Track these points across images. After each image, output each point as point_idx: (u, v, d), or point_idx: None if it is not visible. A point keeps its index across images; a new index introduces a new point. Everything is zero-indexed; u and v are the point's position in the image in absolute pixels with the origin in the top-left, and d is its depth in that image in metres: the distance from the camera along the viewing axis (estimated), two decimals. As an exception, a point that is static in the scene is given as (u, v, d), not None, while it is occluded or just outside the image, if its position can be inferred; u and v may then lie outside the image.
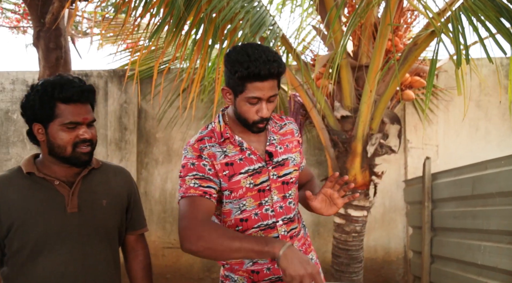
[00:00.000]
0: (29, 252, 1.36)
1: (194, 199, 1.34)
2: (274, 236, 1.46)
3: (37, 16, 4.29)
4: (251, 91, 1.34)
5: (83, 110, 1.38)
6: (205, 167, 1.40)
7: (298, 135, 1.59)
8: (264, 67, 1.31)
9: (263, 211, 1.45)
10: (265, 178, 1.45)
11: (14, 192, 1.38)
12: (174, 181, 5.03)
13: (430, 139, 4.77)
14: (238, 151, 1.45)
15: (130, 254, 1.60)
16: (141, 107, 5.08)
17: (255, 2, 3.11)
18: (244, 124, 1.44)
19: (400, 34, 3.61)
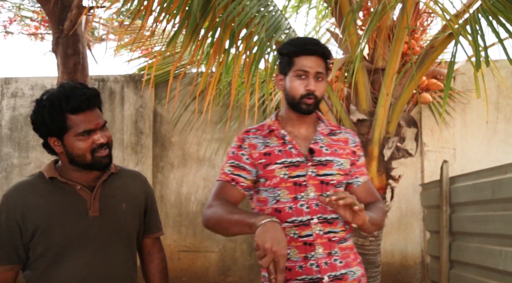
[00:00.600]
0: (53, 255, 1.38)
1: (222, 184, 1.49)
2: (307, 234, 1.45)
3: (56, 23, 4.38)
4: (298, 65, 1.47)
5: (94, 116, 1.39)
6: (242, 157, 1.51)
7: (355, 146, 1.58)
8: (310, 43, 1.48)
9: (298, 206, 1.46)
10: (302, 173, 1.47)
11: (38, 197, 1.40)
12: (189, 184, 5.06)
13: (447, 142, 4.71)
14: (280, 144, 1.51)
15: (146, 257, 1.61)
16: (156, 111, 5.13)
17: (270, 6, 3.12)
18: (292, 105, 1.50)
19: (416, 36, 3.58)
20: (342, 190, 1.47)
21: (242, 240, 4.99)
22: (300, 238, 1.46)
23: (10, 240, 1.37)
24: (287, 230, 1.46)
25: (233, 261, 5.00)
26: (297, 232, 1.46)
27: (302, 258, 1.46)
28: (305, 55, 1.46)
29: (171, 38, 2.77)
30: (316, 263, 1.45)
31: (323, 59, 1.48)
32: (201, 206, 5.04)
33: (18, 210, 1.37)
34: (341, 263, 1.47)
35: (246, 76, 3.08)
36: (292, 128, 1.54)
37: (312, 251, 1.45)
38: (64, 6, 4.31)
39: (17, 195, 1.40)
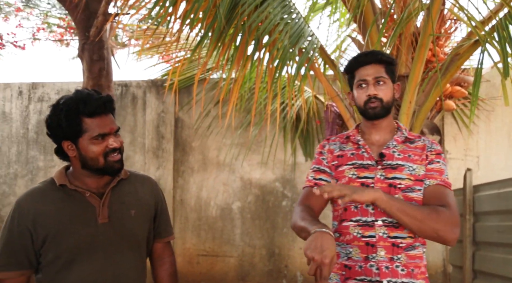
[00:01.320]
0: (63, 261, 1.40)
1: (306, 190, 1.62)
2: (371, 235, 1.47)
3: (82, 29, 4.49)
4: (357, 77, 1.59)
5: (108, 121, 1.42)
6: (323, 161, 1.64)
7: (430, 151, 1.57)
8: (363, 54, 1.59)
9: (363, 206, 1.50)
10: (370, 175, 1.52)
11: (48, 204, 1.42)
12: (209, 189, 5.10)
13: (470, 150, 4.64)
14: (354, 148, 1.61)
15: (157, 261, 1.62)
16: (177, 116, 5.20)
17: (293, 14, 3.15)
18: (361, 113, 1.60)
19: (440, 43, 3.56)
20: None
21: (261, 246, 5.00)
22: (363, 238, 1.48)
23: (22, 246, 1.40)
24: (351, 229, 1.51)
25: (251, 266, 5.00)
26: (361, 231, 1.49)
27: (363, 258, 1.47)
28: (362, 66, 1.58)
29: (197, 45, 2.82)
30: (376, 265, 1.46)
31: (382, 65, 1.57)
32: (221, 211, 5.07)
33: (29, 216, 1.41)
34: (403, 271, 1.46)
35: (269, 83, 3.11)
36: (368, 136, 1.63)
37: (373, 253, 1.46)
38: (90, 13, 4.42)
39: (29, 202, 1.43)
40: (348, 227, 1.51)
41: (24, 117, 5.42)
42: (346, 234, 1.52)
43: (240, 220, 5.05)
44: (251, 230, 5.02)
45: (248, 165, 5.05)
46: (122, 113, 5.25)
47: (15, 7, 6.50)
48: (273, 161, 4.95)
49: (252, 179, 5.06)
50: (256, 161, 5.03)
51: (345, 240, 1.52)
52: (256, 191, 5.04)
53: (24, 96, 5.44)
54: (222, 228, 5.06)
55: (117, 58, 15.70)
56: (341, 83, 3.15)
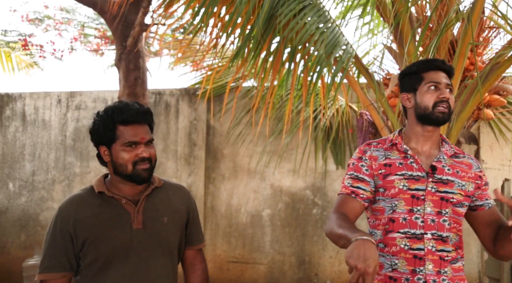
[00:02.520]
0: (100, 264, 1.48)
1: (342, 197, 1.56)
2: (419, 248, 1.47)
3: (120, 39, 4.65)
4: (428, 78, 1.55)
5: (140, 131, 1.49)
6: (362, 168, 1.56)
7: (480, 171, 1.59)
8: (437, 60, 1.58)
9: (412, 218, 1.48)
10: (421, 187, 1.49)
11: (87, 210, 1.50)
12: (239, 196, 5.15)
13: (507, 159, 4.53)
14: (401, 157, 1.55)
15: (188, 268, 1.66)
16: (209, 123, 5.28)
17: (329, 23, 3.18)
18: (424, 116, 1.54)
19: (479, 52, 3.51)
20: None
21: (290, 253, 5.00)
22: (410, 250, 1.48)
23: (64, 249, 1.48)
24: (398, 241, 1.49)
25: (281, 274, 5.01)
26: (408, 244, 1.48)
27: (410, 271, 1.47)
28: (434, 70, 1.56)
29: (235, 55, 2.88)
30: (424, 278, 1.46)
31: (450, 76, 1.58)
32: (251, 218, 5.10)
33: (70, 222, 1.49)
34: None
35: (304, 92, 3.14)
36: (415, 145, 1.57)
37: (421, 266, 1.46)
38: (127, 24, 4.57)
39: (70, 208, 1.51)
40: (395, 238, 1.49)
41: (62, 124, 5.62)
42: (393, 245, 1.49)
43: (270, 227, 5.06)
44: (281, 238, 5.03)
45: (278, 173, 5.08)
46: (156, 120, 5.36)
47: (55, 19, 6.78)
48: (304, 169, 4.96)
49: (282, 187, 5.08)
50: (287, 168, 5.05)
51: (390, 252, 1.50)
52: (286, 199, 5.06)
53: (63, 104, 5.65)
54: (252, 235, 5.09)
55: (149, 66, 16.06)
56: (376, 92, 3.15)
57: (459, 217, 1.52)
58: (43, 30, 6.72)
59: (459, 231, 1.53)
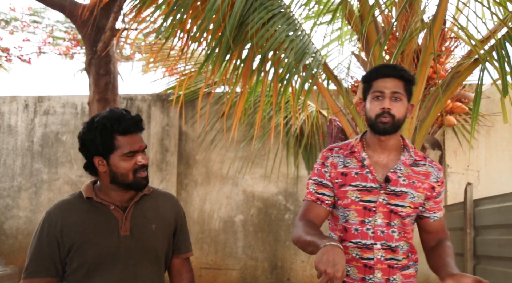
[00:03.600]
0: (86, 270, 1.46)
1: (308, 203, 1.59)
2: (369, 257, 1.51)
3: (90, 44, 4.59)
4: (374, 87, 1.53)
5: (138, 139, 1.50)
6: (325, 174, 1.58)
7: (436, 182, 1.55)
8: (386, 67, 1.55)
9: (363, 229, 1.52)
10: (373, 199, 1.51)
11: (75, 216, 1.49)
12: (212, 202, 5.14)
13: (471, 164, 4.70)
14: (358, 167, 1.55)
15: (175, 277, 1.66)
16: (181, 129, 5.26)
17: (298, 31, 3.24)
18: (370, 125, 1.53)
19: (441, 61, 3.65)
20: None
21: (263, 258, 5.02)
22: (361, 259, 1.52)
23: (50, 254, 1.47)
24: (350, 250, 1.54)
25: (254, 279, 5.02)
26: (359, 253, 1.52)
27: (360, 279, 1.52)
28: (382, 78, 1.51)
29: (204, 61, 2.90)
30: None
31: (401, 80, 1.51)
32: (223, 224, 5.10)
33: (57, 226, 1.48)
34: None
35: (274, 99, 3.18)
36: (373, 153, 1.56)
37: (371, 274, 1.51)
38: (98, 29, 4.52)
39: (57, 213, 1.50)
40: (348, 247, 1.53)
41: (29, 130, 5.49)
42: (346, 253, 1.52)
43: (242, 233, 5.08)
44: (253, 243, 5.05)
45: (251, 178, 5.10)
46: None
47: (22, 21, 6.63)
48: (276, 175, 5.00)
49: (255, 192, 5.10)
50: (259, 174, 5.08)
51: None
52: (259, 204, 5.09)
53: (30, 109, 5.51)
54: (225, 241, 5.08)
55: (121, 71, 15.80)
56: (344, 99, 3.22)
57: (408, 227, 1.55)
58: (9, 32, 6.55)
59: (410, 239, 1.56)
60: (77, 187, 5.29)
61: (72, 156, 5.36)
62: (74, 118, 5.47)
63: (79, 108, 5.47)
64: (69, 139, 5.42)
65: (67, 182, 5.34)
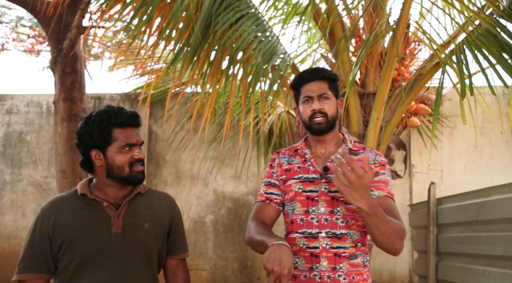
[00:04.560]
0: (75, 267, 1.46)
1: (258, 204, 1.68)
2: (315, 246, 1.56)
3: (55, 42, 4.46)
4: (303, 93, 1.64)
5: (135, 133, 1.53)
6: (273, 174, 1.69)
7: (373, 163, 1.62)
8: (308, 71, 1.65)
9: (308, 219, 1.58)
10: (315, 188, 1.59)
11: (67, 212, 1.50)
12: (182, 202, 5.10)
13: (435, 164, 4.85)
14: (301, 162, 1.66)
15: (170, 278, 1.65)
16: (151, 129, 5.20)
17: (267, 32, 3.27)
18: (307, 128, 1.64)
19: (406, 64, 3.75)
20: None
21: (233, 258, 5.03)
22: (308, 249, 1.56)
23: (42, 250, 1.48)
24: (297, 240, 1.59)
25: (224, 279, 5.02)
26: (306, 243, 1.57)
27: (308, 268, 1.56)
28: (307, 82, 1.63)
29: (172, 61, 2.88)
30: (319, 275, 1.54)
31: (325, 81, 1.62)
32: (194, 224, 5.08)
33: (50, 223, 1.49)
34: (345, 279, 1.54)
35: (243, 99, 3.20)
36: (315, 149, 1.67)
37: (317, 263, 1.55)
38: (64, 26, 4.41)
39: (51, 209, 1.51)
40: (294, 238, 1.59)
41: (-9, 129, 5.30)
42: (293, 245, 1.58)
43: (213, 233, 5.07)
44: (223, 243, 5.05)
45: (221, 179, 5.10)
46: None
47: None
48: (246, 175, 5.02)
49: (225, 192, 5.10)
50: (230, 174, 5.08)
51: (292, 251, 1.56)
52: (229, 204, 5.09)
53: (-8, 107, 5.32)
54: (195, 241, 5.06)
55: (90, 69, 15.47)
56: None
57: (355, 214, 1.57)
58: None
59: (361, 227, 1.59)
60: (42, 188, 5.15)
61: (37, 156, 5.21)
62: (39, 117, 5.31)
63: (44, 107, 5.33)
64: (33, 139, 5.26)
65: (31, 183, 5.19)
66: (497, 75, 2.51)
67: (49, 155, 5.17)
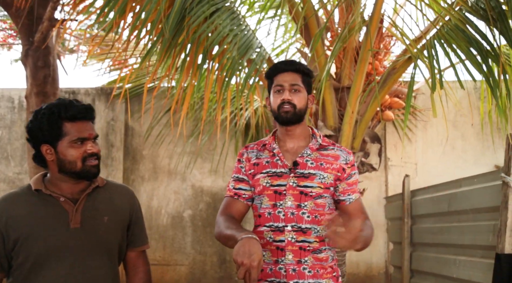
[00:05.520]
0: (31, 265, 1.43)
1: (227, 200, 1.69)
2: (280, 239, 1.57)
3: (26, 34, 4.35)
4: (276, 82, 1.65)
5: (88, 127, 1.48)
6: (241, 169, 1.70)
7: (345, 163, 1.64)
8: (284, 62, 1.68)
9: (275, 212, 1.59)
10: (283, 182, 1.60)
11: (21, 208, 1.46)
12: (160, 198, 5.07)
13: (409, 157, 4.95)
14: (269, 156, 1.66)
15: (131, 270, 1.64)
16: (127, 124, 5.14)
17: (242, 26, 3.25)
18: (275, 117, 1.64)
19: (380, 58, 3.80)
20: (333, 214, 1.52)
21: (211, 253, 5.03)
22: (274, 242, 1.58)
23: None
24: (265, 234, 1.60)
25: (203, 274, 5.02)
26: (272, 236, 1.59)
27: (274, 261, 1.58)
28: (280, 72, 1.64)
29: (145, 55, 2.84)
30: (284, 268, 1.57)
31: (299, 74, 1.64)
32: (172, 219, 5.05)
33: (2, 220, 1.43)
34: (310, 272, 1.57)
35: (218, 92, 3.18)
36: (283, 143, 1.67)
37: (282, 257, 1.57)
38: (35, 18, 4.29)
39: (3, 206, 1.46)
40: (262, 232, 1.61)
41: (-39, 124, 5.14)
42: (261, 238, 1.59)
43: (191, 228, 5.05)
44: (202, 238, 5.04)
45: (199, 173, 5.08)
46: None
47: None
48: (224, 169, 5.01)
49: (203, 187, 5.09)
50: (207, 169, 5.07)
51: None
52: (207, 199, 5.08)
53: (-39, 102, 5.17)
54: (173, 236, 5.04)
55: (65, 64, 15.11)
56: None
57: (321, 209, 1.60)
58: None
59: (322, 221, 1.61)
60: (15, 184, 5.03)
61: (9, 152, 5.09)
62: (10, 112, 5.18)
63: (16, 102, 5.20)
64: (5, 134, 5.13)
65: (3, 180, 5.06)
66: (466, 70, 2.57)
67: (22, 151, 5.06)
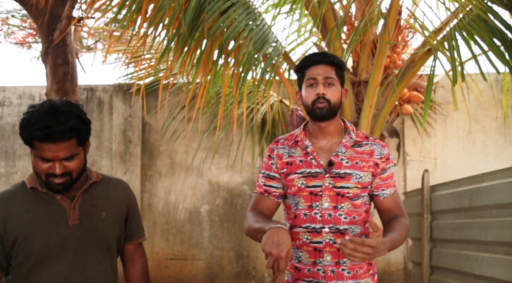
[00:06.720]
0: (32, 263, 1.43)
1: (257, 196, 1.65)
2: (318, 241, 1.55)
3: (46, 33, 4.42)
4: (307, 75, 1.57)
5: (54, 148, 1.37)
6: (272, 166, 1.63)
7: (380, 158, 1.59)
8: (316, 54, 1.60)
9: (312, 214, 1.55)
10: (319, 183, 1.55)
11: (18, 207, 1.45)
12: (177, 193, 5.11)
13: (428, 152, 4.86)
14: (302, 154, 1.59)
15: (128, 263, 1.65)
16: (145, 120, 5.18)
17: (258, 20, 3.23)
18: (308, 113, 1.57)
19: (398, 51, 3.73)
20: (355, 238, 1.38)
21: (229, 248, 5.05)
22: (311, 243, 1.55)
23: None
24: (301, 235, 1.57)
25: (220, 269, 5.04)
26: (309, 237, 1.56)
27: (311, 263, 1.56)
28: (313, 65, 1.56)
29: (163, 51, 2.85)
30: (322, 269, 1.54)
31: (332, 66, 1.56)
32: (189, 214, 5.09)
33: (0, 220, 1.43)
34: (349, 273, 1.54)
35: (235, 88, 3.18)
36: (316, 140, 1.60)
37: (320, 258, 1.54)
38: (54, 17, 4.36)
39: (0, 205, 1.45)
40: (298, 233, 1.57)
41: (-16, 121, 5.27)
42: (297, 239, 1.57)
43: (208, 223, 5.08)
44: (219, 233, 5.06)
45: (216, 169, 5.10)
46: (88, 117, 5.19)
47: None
48: (241, 164, 5.02)
49: (220, 182, 5.10)
50: (224, 164, 5.08)
51: (295, 245, 1.58)
52: (224, 194, 5.09)
53: (-16, 100, 5.29)
54: (191, 231, 5.07)
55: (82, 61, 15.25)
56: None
57: (359, 209, 1.57)
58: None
59: (358, 221, 1.58)
60: (37, 180, 5.13)
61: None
62: (31, 109, 5.28)
63: (37, 99, 5.29)
64: (26, 131, 5.23)
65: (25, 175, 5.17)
66: (489, 61, 2.50)
67: (43, 147, 5.15)
